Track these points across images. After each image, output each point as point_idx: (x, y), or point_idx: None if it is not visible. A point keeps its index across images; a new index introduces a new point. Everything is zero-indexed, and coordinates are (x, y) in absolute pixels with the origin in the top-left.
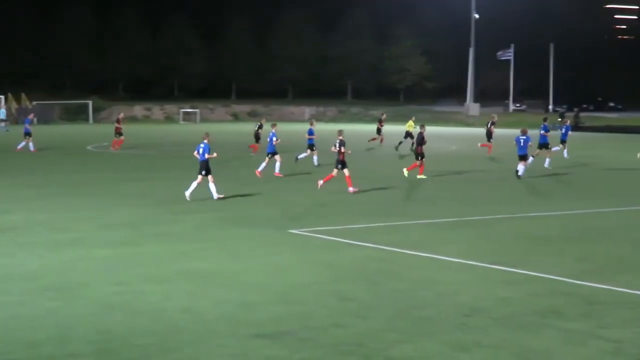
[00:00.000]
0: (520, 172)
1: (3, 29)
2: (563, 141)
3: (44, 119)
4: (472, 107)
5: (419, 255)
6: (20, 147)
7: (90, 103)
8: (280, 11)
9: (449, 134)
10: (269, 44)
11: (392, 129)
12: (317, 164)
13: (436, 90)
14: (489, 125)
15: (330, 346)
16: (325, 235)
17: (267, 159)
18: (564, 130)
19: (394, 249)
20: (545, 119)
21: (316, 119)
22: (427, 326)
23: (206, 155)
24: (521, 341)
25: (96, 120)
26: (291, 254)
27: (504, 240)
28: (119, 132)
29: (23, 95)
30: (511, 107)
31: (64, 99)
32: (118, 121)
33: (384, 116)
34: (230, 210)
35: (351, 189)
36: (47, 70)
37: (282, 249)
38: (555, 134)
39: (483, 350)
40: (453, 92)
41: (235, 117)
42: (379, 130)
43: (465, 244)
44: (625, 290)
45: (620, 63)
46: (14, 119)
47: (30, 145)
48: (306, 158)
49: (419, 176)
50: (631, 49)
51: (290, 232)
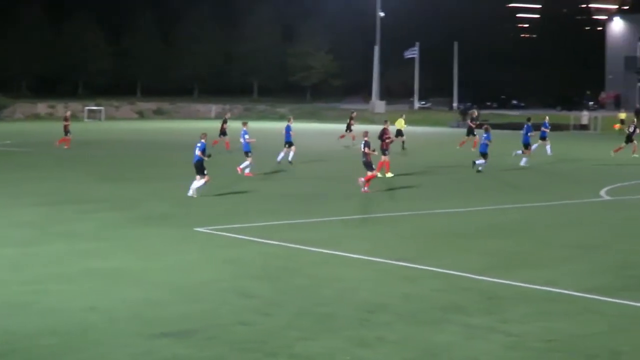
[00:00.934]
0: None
1: None
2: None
3: None
4: (378, 105)
5: (323, 252)
6: None
7: None
8: (186, 8)
9: (355, 132)
10: (174, 41)
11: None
12: (291, 161)
13: (342, 87)
14: (470, 120)
15: (235, 344)
16: (231, 233)
17: (249, 158)
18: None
19: (298, 246)
20: (528, 119)
21: (222, 116)
22: (331, 323)
23: (197, 152)
24: (424, 336)
25: None
26: (196, 252)
27: (407, 237)
28: (67, 130)
29: None
30: (416, 105)
31: None
32: (66, 119)
33: (354, 114)
34: (136, 209)
35: (366, 188)
36: None
37: (188, 247)
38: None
39: (386, 346)
40: (359, 90)
41: (141, 115)
42: (349, 127)
43: (369, 241)
44: (526, 285)
45: (523, 61)
46: None
47: None
48: (284, 155)
49: (387, 174)
50: (533, 47)
51: (196, 231)
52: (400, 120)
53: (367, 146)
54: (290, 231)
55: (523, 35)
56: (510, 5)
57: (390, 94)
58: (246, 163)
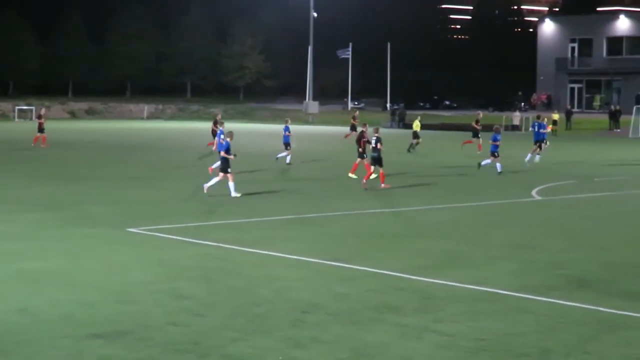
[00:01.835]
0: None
1: None
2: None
3: None
4: (311, 105)
5: (257, 253)
6: None
7: None
8: (118, 7)
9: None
10: (106, 40)
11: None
12: (289, 162)
13: (276, 88)
14: (475, 122)
15: (167, 345)
16: (164, 233)
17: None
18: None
19: (232, 247)
20: (538, 117)
21: (155, 116)
22: (264, 323)
23: (222, 153)
24: (357, 336)
25: None
26: (129, 252)
27: (341, 237)
28: (41, 129)
29: None
30: (350, 105)
31: None
32: (40, 117)
33: (357, 113)
34: (68, 210)
35: (383, 185)
36: None
37: (120, 248)
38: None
39: (319, 346)
40: (292, 90)
41: (73, 115)
42: (353, 127)
43: (303, 241)
44: (459, 284)
45: (455, 62)
46: None
47: None
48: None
49: (350, 174)
50: (465, 48)
51: (128, 231)
52: (416, 122)
53: (379, 142)
54: (224, 231)
55: (455, 36)
56: (442, 6)
57: (324, 94)
58: (217, 163)
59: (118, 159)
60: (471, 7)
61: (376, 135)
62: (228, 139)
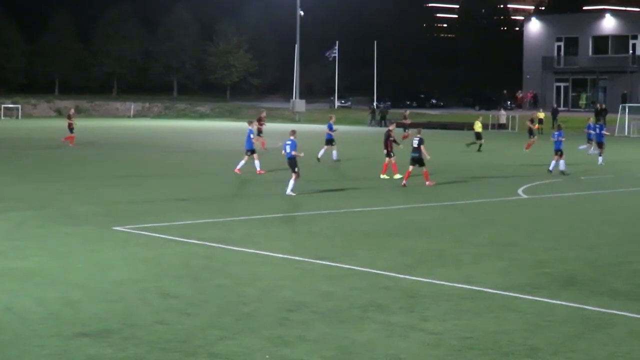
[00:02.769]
0: (551, 167)
1: None
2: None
3: None
4: (298, 104)
5: (244, 251)
6: None
7: None
8: (104, 5)
9: (276, 130)
10: (93, 38)
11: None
12: (337, 159)
13: (262, 86)
14: (530, 121)
15: (154, 344)
16: (150, 232)
17: (246, 157)
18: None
19: (219, 245)
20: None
21: (142, 115)
22: (251, 322)
23: (293, 152)
24: (344, 335)
25: None
26: (114, 251)
27: (327, 235)
28: (71, 128)
29: None
30: (336, 104)
31: None
32: (69, 117)
33: (408, 112)
34: (53, 208)
35: (428, 182)
36: None
37: (106, 246)
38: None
39: (306, 345)
40: (279, 89)
41: (59, 113)
42: (404, 126)
43: (289, 240)
44: (445, 283)
45: (442, 61)
46: None
47: None
48: (325, 153)
49: (382, 175)
50: (452, 47)
51: (114, 230)
52: (477, 123)
53: (422, 143)
54: (211, 230)
55: (442, 34)
56: (429, 4)
57: (311, 93)
58: (242, 163)
59: (104, 157)
60: (457, 6)
61: (418, 136)
62: (292, 137)
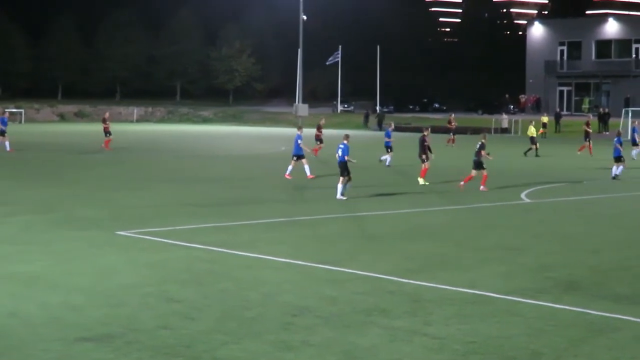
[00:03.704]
0: (614, 173)
1: None
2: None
3: None
4: (301, 108)
5: (247, 256)
6: None
7: None
8: (108, 10)
9: (279, 135)
10: (96, 43)
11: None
12: (389, 165)
13: (265, 91)
14: (586, 125)
15: (158, 348)
16: (153, 236)
17: (293, 162)
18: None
19: (222, 250)
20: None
21: (144, 119)
22: (255, 326)
23: (345, 157)
24: (347, 339)
25: None
26: (118, 255)
27: (331, 239)
28: (107, 132)
29: None
30: (339, 108)
31: None
32: (104, 120)
33: (453, 116)
34: (57, 213)
35: (483, 187)
36: None
37: (109, 250)
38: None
39: (309, 349)
40: (282, 93)
41: (62, 118)
42: (451, 131)
43: (292, 244)
44: (448, 287)
45: (445, 65)
46: None
47: (7, 144)
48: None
49: (419, 180)
50: (455, 51)
51: (117, 234)
52: (531, 128)
53: (483, 148)
54: (214, 234)
55: (445, 39)
56: (432, 9)
57: (314, 97)
58: (307, 167)
59: (107, 161)
60: (460, 10)
61: (482, 141)
62: (345, 141)
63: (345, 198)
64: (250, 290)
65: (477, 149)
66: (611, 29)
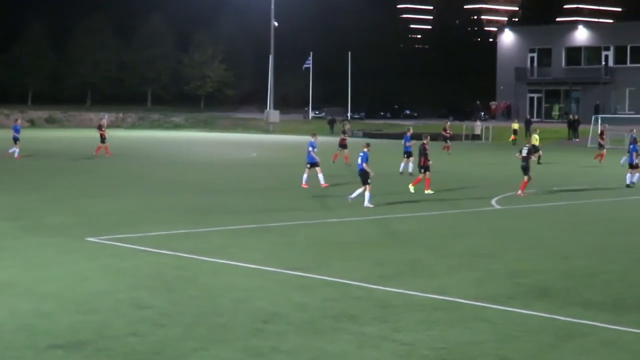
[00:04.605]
0: (630, 180)
1: None
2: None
3: None
4: (272, 114)
5: (217, 262)
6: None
7: None
8: (78, 15)
9: (250, 141)
10: (66, 48)
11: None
12: (411, 172)
13: (237, 97)
14: (600, 134)
15: (127, 355)
16: (124, 243)
17: (307, 170)
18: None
19: (192, 256)
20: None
21: (115, 125)
22: (225, 333)
23: (364, 165)
24: (317, 345)
25: None
26: (88, 262)
27: (301, 246)
28: (103, 138)
29: None
30: (311, 114)
31: None
32: (100, 127)
33: (449, 124)
34: (26, 219)
35: (521, 192)
36: None
37: (79, 257)
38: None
39: (280, 356)
40: (254, 99)
41: (32, 124)
42: (445, 138)
43: (263, 251)
44: (418, 293)
45: (416, 71)
46: None
47: (16, 151)
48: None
49: (426, 191)
50: (426, 57)
51: (87, 241)
52: (535, 136)
53: (530, 152)
54: (183, 241)
55: (416, 45)
56: (403, 16)
57: (285, 104)
58: (320, 175)
59: (77, 168)
60: (431, 17)
61: (528, 146)
62: (365, 150)
63: (372, 205)
64: (220, 297)
65: (526, 154)
66: (581, 36)
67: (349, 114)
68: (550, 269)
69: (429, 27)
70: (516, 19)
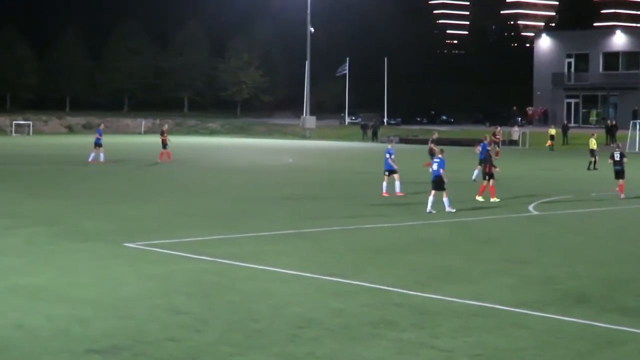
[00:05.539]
0: None
1: None
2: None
3: None
4: (309, 120)
5: (254, 268)
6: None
7: None
8: (115, 22)
9: (286, 147)
10: (103, 55)
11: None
12: (474, 179)
13: (273, 102)
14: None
15: None
16: (160, 248)
17: (385, 177)
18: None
19: (229, 262)
20: None
21: (152, 131)
22: (261, 338)
23: (440, 171)
24: (354, 351)
25: None
26: (125, 267)
27: (337, 251)
28: (165, 144)
29: None
30: (347, 120)
31: None
32: (162, 133)
33: (499, 129)
34: (64, 225)
35: (622, 195)
36: None
37: (116, 262)
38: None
39: None
40: (290, 105)
41: (70, 130)
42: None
43: (299, 256)
44: (455, 299)
45: (452, 77)
46: None
47: (101, 155)
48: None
49: (492, 199)
50: (462, 63)
51: (124, 246)
52: (592, 141)
53: (624, 156)
54: (220, 246)
55: (452, 51)
56: (439, 21)
57: (321, 109)
58: (397, 183)
59: (114, 173)
60: (467, 22)
61: (619, 149)
62: (440, 156)
63: (454, 210)
64: (256, 302)
65: (619, 159)
66: (619, 41)
67: (385, 119)
68: (587, 275)
69: (465, 33)
70: (553, 24)
